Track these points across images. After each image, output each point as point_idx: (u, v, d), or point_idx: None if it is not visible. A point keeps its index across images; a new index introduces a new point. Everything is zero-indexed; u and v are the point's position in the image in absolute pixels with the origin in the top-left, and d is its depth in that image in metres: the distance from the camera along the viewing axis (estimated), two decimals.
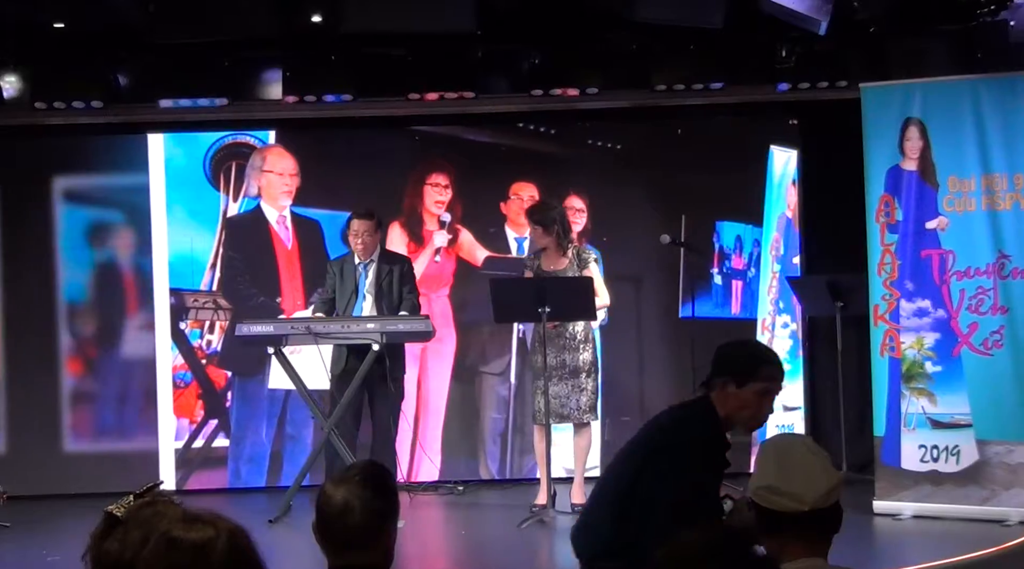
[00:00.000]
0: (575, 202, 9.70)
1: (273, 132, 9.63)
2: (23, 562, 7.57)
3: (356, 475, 3.09)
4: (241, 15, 8.01)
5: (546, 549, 7.72)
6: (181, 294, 9.51)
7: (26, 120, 9.15)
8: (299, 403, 9.38)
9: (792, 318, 9.70)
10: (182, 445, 9.47)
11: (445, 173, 9.71)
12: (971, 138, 7.67)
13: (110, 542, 1.98)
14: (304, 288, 9.56)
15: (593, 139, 9.78)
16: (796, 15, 7.51)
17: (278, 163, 9.62)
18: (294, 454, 9.47)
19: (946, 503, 7.59)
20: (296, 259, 9.59)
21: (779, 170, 9.81)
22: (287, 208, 9.59)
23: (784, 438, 3.13)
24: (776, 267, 9.75)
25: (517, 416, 9.60)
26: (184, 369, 9.51)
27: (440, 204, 9.67)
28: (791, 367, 9.56)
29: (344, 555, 3.01)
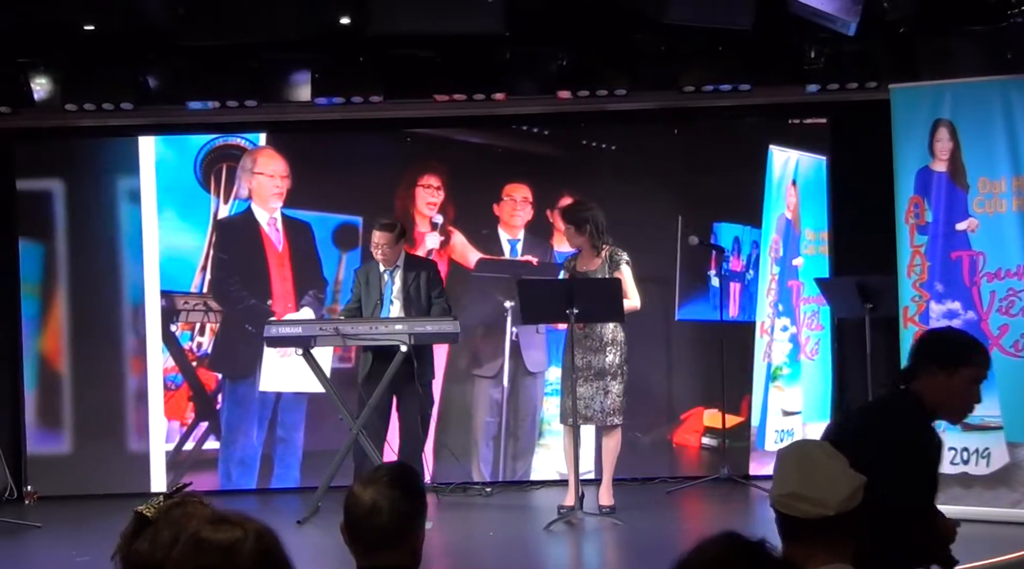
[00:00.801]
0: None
1: (264, 134, 9.61)
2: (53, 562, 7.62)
3: (384, 476, 3.10)
4: (269, 17, 8.03)
5: (573, 550, 7.72)
6: (172, 296, 9.49)
7: (57, 122, 9.21)
8: (290, 405, 9.49)
9: (792, 321, 9.61)
10: (173, 447, 9.45)
11: (437, 174, 9.65)
12: (1001, 139, 7.64)
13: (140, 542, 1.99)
14: (295, 290, 9.53)
15: (588, 140, 9.72)
16: (825, 16, 7.49)
17: (269, 165, 9.59)
18: (285, 457, 9.47)
19: (976, 505, 7.54)
20: (287, 261, 9.55)
21: (778, 171, 9.71)
22: (278, 210, 9.55)
23: (802, 444, 3.11)
24: (775, 269, 9.65)
25: (510, 419, 9.56)
26: (175, 371, 9.49)
27: (432, 206, 9.61)
28: (790, 371, 9.54)
29: (372, 556, 3.02)
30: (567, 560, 7.62)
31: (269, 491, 9.34)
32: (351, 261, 9.54)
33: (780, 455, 3.08)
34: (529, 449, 9.62)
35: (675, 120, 9.68)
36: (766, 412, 9.59)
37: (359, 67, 8.94)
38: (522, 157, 9.75)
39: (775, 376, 9.63)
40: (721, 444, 9.39)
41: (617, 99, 9.19)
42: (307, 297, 9.53)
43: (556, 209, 8.36)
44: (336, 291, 9.58)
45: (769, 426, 9.61)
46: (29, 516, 8.59)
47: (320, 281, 9.59)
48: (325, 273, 9.60)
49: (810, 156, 9.73)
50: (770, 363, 9.62)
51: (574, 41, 8.99)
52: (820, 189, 9.73)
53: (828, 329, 9.69)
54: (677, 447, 9.63)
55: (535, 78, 9.21)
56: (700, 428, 9.64)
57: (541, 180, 9.68)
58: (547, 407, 9.59)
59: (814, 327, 9.69)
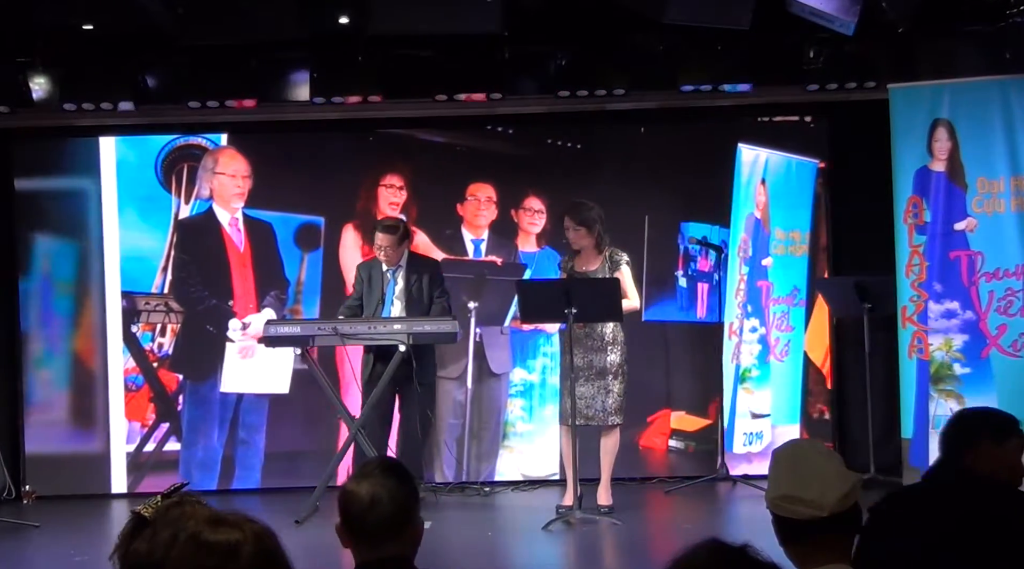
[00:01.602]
0: (534, 203, 9.58)
1: (225, 135, 9.55)
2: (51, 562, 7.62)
3: (376, 469, 3.12)
4: (268, 17, 8.02)
5: (572, 550, 7.72)
6: (132, 297, 9.43)
7: (56, 121, 9.21)
8: (251, 407, 9.43)
9: (761, 322, 9.51)
10: (133, 449, 9.38)
11: (400, 174, 9.57)
12: (1000, 139, 7.65)
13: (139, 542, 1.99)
14: (256, 291, 9.46)
15: (552, 139, 9.64)
16: (824, 16, 7.49)
17: (230, 165, 9.52)
18: (246, 458, 9.40)
19: None
20: (248, 261, 9.47)
21: (747, 169, 9.63)
22: (239, 210, 9.48)
23: (795, 445, 3.10)
24: (744, 269, 9.58)
25: (474, 422, 9.46)
26: (135, 372, 9.43)
27: (395, 206, 9.52)
28: (760, 373, 9.47)
29: (377, 547, 3.03)
30: (566, 560, 7.62)
31: (230, 492, 9.27)
32: (313, 262, 9.49)
33: (774, 456, 3.07)
34: (493, 451, 9.50)
35: (642, 118, 9.59)
36: (735, 415, 9.51)
37: (358, 67, 8.93)
38: (486, 156, 9.67)
39: (744, 378, 9.55)
40: (689, 446, 9.36)
41: (616, 99, 9.18)
42: (269, 298, 9.44)
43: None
44: (298, 292, 9.50)
45: (738, 429, 9.53)
46: (28, 516, 8.59)
47: (282, 281, 9.49)
48: (287, 273, 9.50)
49: (780, 154, 9.64)
50: (739, 365, 9.54)
51: (573, 41, 8.98)
52: (790, 188, 9.64)
53: (799, 330, 9.60)
54: (644, 450, 9.50)
55: (534, 78, 9.19)
56: (667, 431, 9.54)
57: (505, 179, 9.60)
58: (511, 409, 9.53)
59: (784, 328, 9.61)
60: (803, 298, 9.64)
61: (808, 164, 9.69)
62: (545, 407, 9.49)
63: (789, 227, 9.67)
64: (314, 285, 9.53)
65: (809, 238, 9.68)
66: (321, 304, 9.50)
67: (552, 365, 9.36)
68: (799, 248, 9.70)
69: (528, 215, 9.58)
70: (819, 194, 9.68)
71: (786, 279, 9.64)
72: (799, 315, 9.64)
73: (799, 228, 9.70)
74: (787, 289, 9.63)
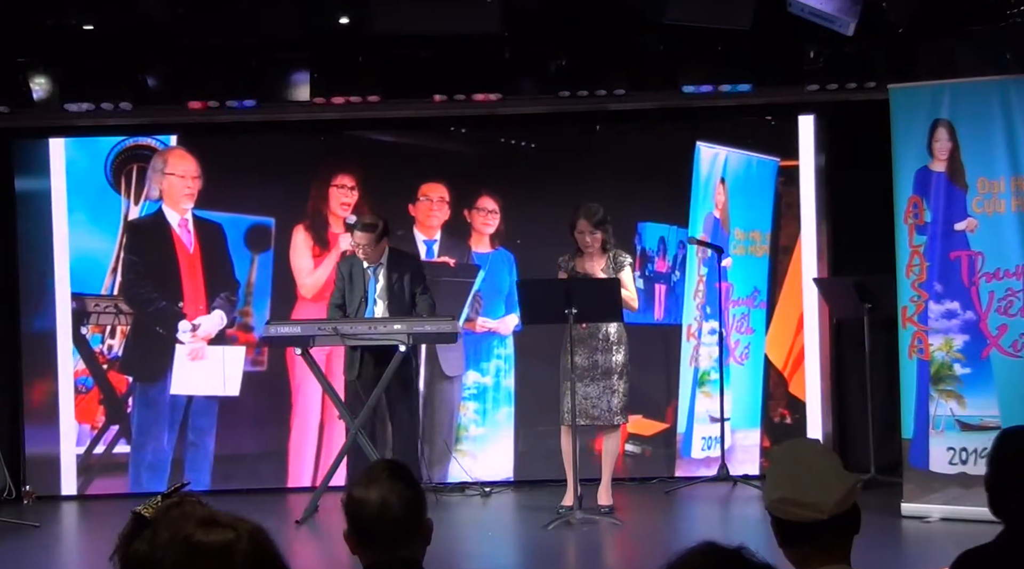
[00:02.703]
0: (487, 203, 9.48)
1: (175, 136, 9.48)
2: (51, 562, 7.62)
3: (382, 472, 3.09)
4: (269, 17, 8.02)
5: (572, 550, 7.72)
6: (82, 299, 9.37)
7: (55, 121, 9.20)
8: (201, 410, 9.36)
9: (720, 324, 9.36)
10: (83, 451, 9.32)
11: (351, 174, 9.48)
12: (1000, 139, 7.64)
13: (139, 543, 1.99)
14: (206, 292, 9.40)
15: (506, 138, 9.55)
16: (825, 16, 7.49)
17: (180, 165, 9.45)
18: (195, 461, 9.34)
19: (975, 506, 7.51)
20: (198, 263, 9.41)
21: (706, 168, 9.54)
22: (189, 211, 9.42)
23: (794, 445, 3.09)
24: (703, 270, 9.50)
25: (426, 426, 9.29)
26: (85, 374, 9.37)
27: (346, 206, 9.43)
28: (719, 376, 9.33)
29: (388, 552, 3.01)
30: (566, 560, 7.62)
31: None
32: (263, 263, 9.42)
33: (773, 458, 3.07)
34: (446, 455, 9.38)
35: (598, 117, 9.51)
36: (692, 419, 9.44)
37: (359, 67, 8.92)
38: (438, 156, 9.57)
39: (702, 381, 9.46)
40: (646, 451, 9.28)
41: (617, 99, 9.16)
42: (219, 299, 9.38)
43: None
44: (248, 293, 9.42)
45: (696, 433, 9.45)
46: (27, 516, 8.59)
47: (232, 283, 9.41)
48: (237, 275, 9.42)
49: (740, 152, 9.56)
50: (697, 368, 9.46)
51: (573, 41, 8.97)
52: (751, 187, 9.56)
53: (760, 333, 9.50)
54: (599, 454, 9.21)
55: (535, 78, 9.17)
56: (624, 434, 9.33)
57: (458, 179, 9.50)
58: (464, 412, 9.43)
59: (744, 331, 9.52)
60: (763, 300, 9.54)
61: (769, 162, 9.59)
62: (499, 410, 9.43)
63: (749, 227, 9.57)
64: (264, 286, 9.44)
65: (770, 238, 9.59)
66: (271, 306, 9.40)
67: (506, 367, 9.32)
68: (759, 248, 9.61)
69: (481, 215, 9.46)
70: (780, 193, 9.59)
71: (746, 280, 9.54)
72: (759, 317, 9.54)
73: (759, 228, 9.59)
74: (747, 290, 9.53)
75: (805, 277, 9.55)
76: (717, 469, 9.12)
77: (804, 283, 9.54)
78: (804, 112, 9.55)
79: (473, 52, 8.85)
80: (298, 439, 9.41)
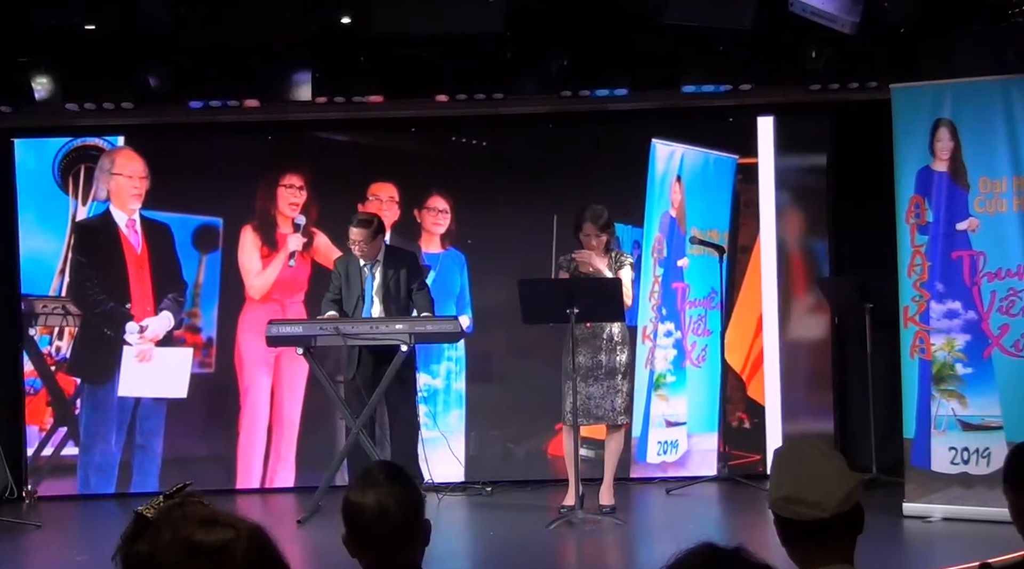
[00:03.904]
0: (438, 203, 9.38)
1: (122, 137, 9.40)
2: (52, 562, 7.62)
3: (380, 475, 3.09)
4: (270, 17, 8.02)
5: (574, 550, 7.72)
6: (30, 300, 9.31)
7: (58, 121, 9.20)
8: (149, 412, 9.29)
9: (676, 326, 9.27)
10: (31, 453, 9.25)
11: (299, 174, 9.40)
12: (1002, 139, 7.64)
13: (140, 543, 1.99)
14: (154, 293, 9.32)
15: (457, 136, 9.46)
16: (826, 16, 7.49)
17: (127, 165, 9.38)
18: (143, 463, 9.26)
19: (976, 505, 7.55)
20: (145, 264, 9.33)
21: (661, 166, 9.41)
22: (136, 211, 9.35)
23: (796, 445, 3.09)
24: (658, 271, 9.38)
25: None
26: (33, 376, 9.31)
27: (294, 206, 9.36)
28: (675, 379, 9.28)
29: (387, 555, 3.01)
30: (568, 560, 7.62)
31: (128, 495, 9.17)
32: (211, 263, 9.35)
33: (775, 457, 3.06)
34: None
35: (551, 115, 9.41)
36: (648, 423, 9.34)
37: (359, 67, 8.91)
38: (388, 155, 9.49)
39: (658, 384, 9.37)
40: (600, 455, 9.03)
41: (618, 99, 9.15)
42: (166, 301, 9.32)
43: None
44: (196, 294, 9.35)
45: (651, 438, 9.36)
46: (29, 516, 8.60)
47: (179, 284, 9.34)
48: (184, 275, 9.34)
49: (697, 150, 9.45)
50: (653, 370, 9.35)
51: (574, 41, 8.96)
52: (708, 185, 9.46)
53: (716, 335, 9.33)
54: (552, 458, 9.30)
55: (535, 78, 9.16)
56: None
57: (408, 179, 9.41)
58: None
59: (701, 332, 9.40)
60: (721, 301, 9.39)
61: (727, 160, 9.49)
62: (450, 413, 9.34)
63: (706, 226, 9.42)
64: (212, 287, 9.37)
65: (728, 238, 9.44)
66: (219, 306, 9.35)
67: (457, 370, 9.26)
68: None
69: (432, 215, 9.35)
70: (738, 191, 9.48)
71: (703, 281, 9.39)
72: (716, 318, 9.39)
73: (717, 227, 9.46)
74: (704, 291, 9.38)
75: (764, 277, 9.38)
76: (718, 469, 9.13)
77: (763, 283, 9.36)
78: (763, 113, 9.46)
79: (475, 52, 8.84)
80: (246, 441, 9.33)
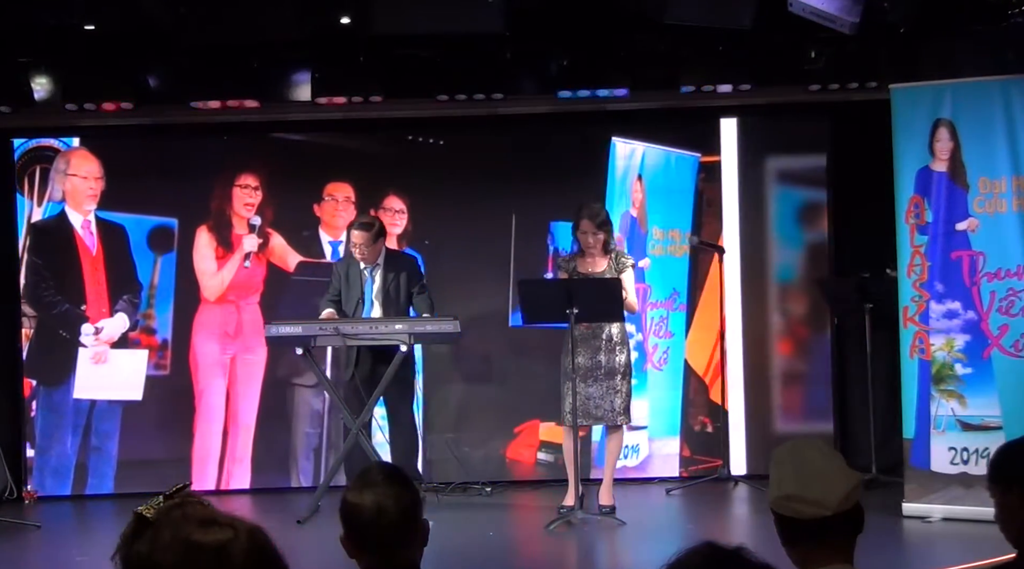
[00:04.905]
0: (394, 203, 9.32)
1: (77, 138, 9.36)
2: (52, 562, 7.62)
3: (377, 476, 3.08)
4: (270, 17, 8.01)
5: (574, 550, 7.72)
6: None
7: (58, 121, 9.20)
8: (104, 414, 9.24)
9: (637, 328, 9.15)
10: None
11: (255, 174, 9.35)
12: (1002, 139, 7.64)
13: (140, 544, 1.99)
14: (109, 295, 9.27)
15: (414, 135, 9.39)
16: (826, 16, 7.49)
17: (83, 166, 9.33)
18: (99, 466, 9.23)
19: (976, 506, 7.52)
20: (101, 265, 9.28)
21: (622, 165, 9.33)
22: (92, 212, 9.30)
23: (796, 444, 3.08)
24: None
25: (332, 431, 9.22)
26: None
27: (249, 207, 9.31)
28: (636, 382, 8.97)
29: (386, 556, 3.01)
30: (568, 560, 7.62)
31: (84, 497, 9.17)
32: (166, 264, 9.30)
33: (775, 456, 3.06)
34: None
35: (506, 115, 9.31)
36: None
37: (359, 67, 8.91)
38: (344, 155, 9.45)
39: None
40: (559, 459, 9.04)
41: (619, 99, 9.14)
42: (121, 302, 9.27)
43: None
44: (151, 295, 9.31)
45: None
46: (28, 516, 8.60)
47: (134, 285, 9.29)
48: (139, 277, 9.30)
49: (658, 148, 9.37)
50: None
51: (574, 41, 8.96)
52: (670, 183, 9.37)
53: (679, 337, 9.27)
54: (510, 462, 9.27)
55: (535, 78, 9.15)
56: (535, 442, 9.27)
57: (364, 179, 9.37)
58: None
59: (663, 335, 9.30)
60: (683, 302, 9.32)
61: (688, 158, 9.42)
62: None
63: (668, 226, 9.36)
64: (167, 288, 9.33)
65: (690, 238, 9.34)
66: (175, 308, 9.30)
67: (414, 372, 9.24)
68: (679, 248, 9.38)
69: (388, 215, 9.24)
70: (701, 190, 9.39)
71: (665, 282, 9.33)
72: (679, 320, 9.33)
73: (679, 227, 9.37)
74: (666, 292, 9.32)
75: (727, 278, 9.24)
76: (719, 469, 9.13)
77: (726, 285, 9.20)
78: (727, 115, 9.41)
79: (474, 52, 8.83)
80: (202, 443, 9.29)
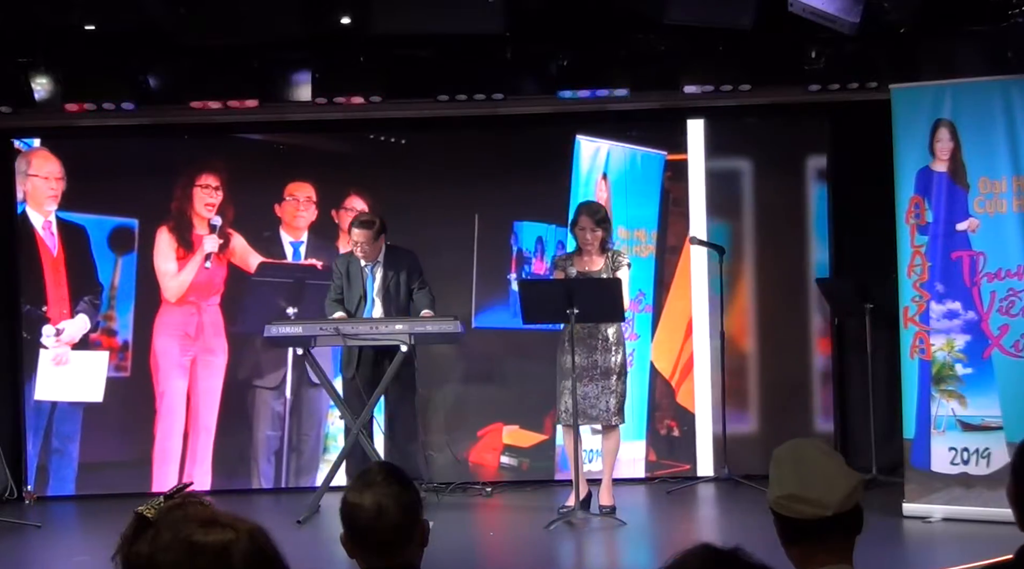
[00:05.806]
0: (356, 203, 9.25)
1: (37, 138, 9.30)
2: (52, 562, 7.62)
3: (377, 476, 3.09)
4: (270, 17, 8.01)
5: (574, 550, 7.72)
6: None
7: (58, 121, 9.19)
8: (65, 415, 9.19)
9: None
10: None
11: (215, 174, 9.29)
12: (1002, 139, 7.64)
13: (140, 544, 1.99)
14: (70, 296, 9.22)
15: (376, 134, 9.34)
16: (826, 16, 7.49)
17: (43, 166, 9.27)
18: (60, 468, 9.18)
19: (976, 506, 7.54)
20: (62, 266, 9.22)
21: (586, 163, 9.26)
22: (53, 213, 9.25)
23: (797, 444, 3.09)
24: None
25: (293, 434, 9.18)
26: None
27: (210, 207, 9.26)
28: None
29: (386, 556, 3.01)
30: (568, 560, 7.61)
31: (46, 498, 9.14)
32: (127, 265, 9.25)
33: (776, 456, 3.06)
34: (313, 465, 9.21)
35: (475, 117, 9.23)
36: None
37: (359, 67, 8.90)
38: (305, 154, 9.39)
39: None
40: (523, 463, 9.04)
41: (619, 99, 9.13)
42: (82, 303, 9.23)
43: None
44: (112, 296, 9.25)
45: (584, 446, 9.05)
46: (29, 516, 8.60)
47: (95, 286, 9.24)
48: (100, 278, 9.24)
49: (624, 146, 9.29)
50: None
51: (574, 41, 8.96)
52: (635, 182, 9.30)
53: (645, 339, 9.21)
54: (474, 466, 9.21)
55: (535, 78, 9.14)
56: (499, 446, 9.22)
57: (325, 178, 9.31)
58: (332, 420, 9.15)
59: (628, 336, 9.03)
60: (649, 303, 9.25)
61: (655, 157, 9.33)
62: None
63: (634, 225, 9.28)
64: (128, 289, 9.27)
65: (656, 237, 9.29)
66: (135, 309, 9.25)
67: None
68: (645, 248, 9.29)
69: (350, 216, 9.07)
70: (667, 189, 9.32)
71: (631, 283, 8.99)
72: (645, 322, 9.26)
73: (645, 226, 9.30)
74: (631, 293, 9.04)
75: (694, 279, 9.18)
76: (716, 470, 9.12)
77: (693, 285, 9.14)
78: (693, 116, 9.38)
79: (475, 52, 8.82)
80: (162, 445, 9.24)
